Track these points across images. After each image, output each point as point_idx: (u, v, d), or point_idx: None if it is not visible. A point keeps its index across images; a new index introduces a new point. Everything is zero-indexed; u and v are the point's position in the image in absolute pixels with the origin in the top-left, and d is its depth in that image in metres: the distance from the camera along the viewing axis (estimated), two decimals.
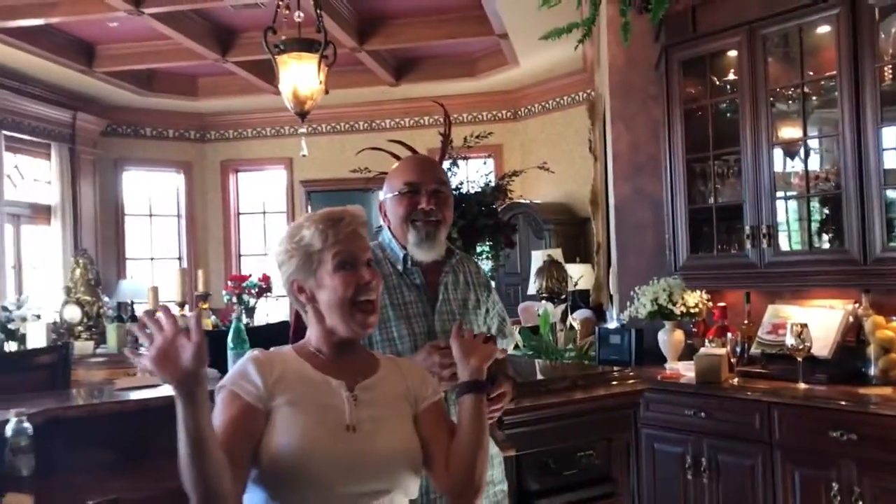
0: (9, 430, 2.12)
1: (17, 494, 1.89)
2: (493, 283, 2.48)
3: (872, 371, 3.47)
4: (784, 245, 3.87)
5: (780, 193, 3.87)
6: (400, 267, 2.22)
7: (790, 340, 3.53)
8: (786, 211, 3.92)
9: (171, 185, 10.66)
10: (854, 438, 3.15)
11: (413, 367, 1.85)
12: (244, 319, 7.03)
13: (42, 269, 8.87)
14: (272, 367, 1.64)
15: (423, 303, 2.21)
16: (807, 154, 3.82)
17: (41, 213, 8.98)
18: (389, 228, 2.26)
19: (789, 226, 3.93)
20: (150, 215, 10.62)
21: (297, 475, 1.55)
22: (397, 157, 3.41)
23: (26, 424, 2.14)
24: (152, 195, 10.61)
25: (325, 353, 1.72)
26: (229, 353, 2.95)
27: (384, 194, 2.26)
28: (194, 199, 10.64)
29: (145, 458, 2.49)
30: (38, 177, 9.06)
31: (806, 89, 3.77)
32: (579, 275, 6.97)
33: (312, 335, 1.74)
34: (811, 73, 3.79)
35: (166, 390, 2.82)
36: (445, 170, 3.13)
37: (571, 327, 5.28)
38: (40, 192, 9.05)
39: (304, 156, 5.07)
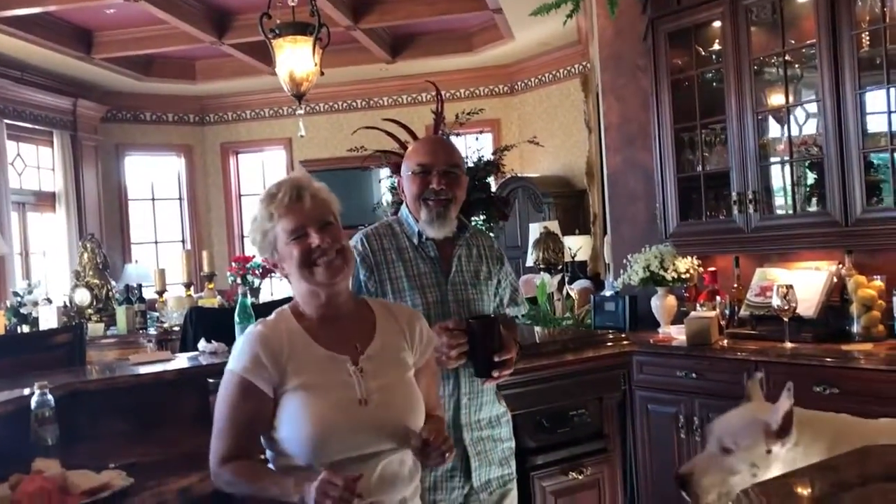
0: (33, 401, 2.26)
1: (45, 459, 2.03)
2: (505, 257, 2.60)
3: (855, 328, 3.59)
4: (770, 210, 3.99)
5: (765, 160, 3.99)
6: (415, 240, 2.36)
7: (776, 302, 3.66)
8: (771, 177, 4.03)
9: (173, 168, 10.77)
10: (836, 392, 3.29)
11: (402, 308, 1.98)
12: (250, 299, 7.17)
13: (49, 256, 9.02)
14: (281, 346, 1.72)
15: (436, 274, 2.34)
16: (790, 120, 3.92)
17: (46, 200, 9.11)
18: (406, 204, 2.42)
19: (774, 191, 4.05)
20: (153, 199, 10.73)
21: (312, 451, 1.68)
22: (392, 136, 3.55)
23: (49, 396, 2.28)
24: (154, 179, 10.72)
25: (318, 317, 1.81)
26: (236, 328, 3.09)
27: (402, 173, 2.40)
28: (195, 181, 10.75)
29: (160, 427, 2.65)
30: (41, 164, 9.18)
31: (788, 57, 3.86)
32: (578, 246, 7.09)
33: (300, 301, 1.85)
34: (793, 42, 3.88)
35: (178, 364, 2.98)
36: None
37: (568, 296, 5.40)
38: (44, 180, 9.17)
39: (301, 136, 5.19)
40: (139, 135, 10.39)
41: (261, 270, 8.11)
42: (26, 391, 2.34)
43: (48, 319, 5.45)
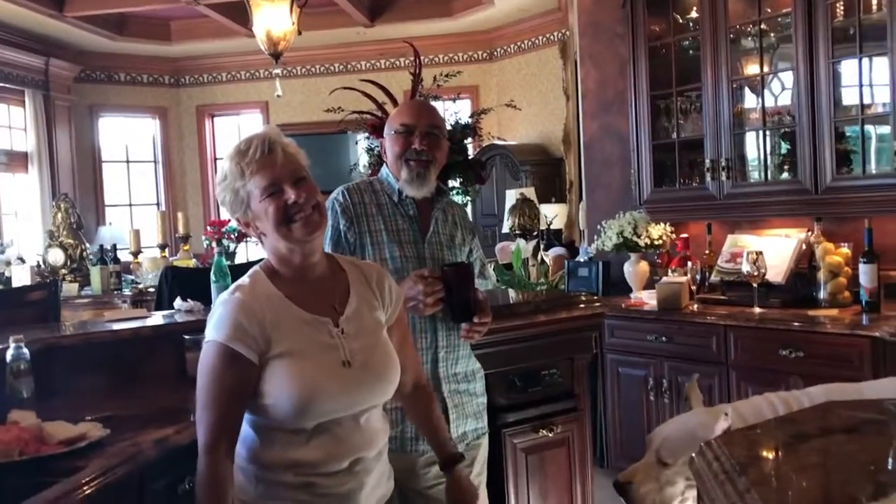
0: (8, 355, 2.27)
1: (21, 411, 2.05)
2: (476, 230, 2.67)
3: (822, 294, 3.68)
4: (742, 177, 4.05)
5: (738, 128, 4.03)
6: (395, 198, 2.40)
7: (746, 268, 3.73)
8: (744, 145, 4.09)
9: (147, 130, 10.64)
10: (801, 356, 3.38)
11: (370, 265, 1.98)
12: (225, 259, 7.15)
13: (21, 216, 8.91)
14: (263, 312, 1.67)
15: (414, 231, 2.39)
16: (764, 90, 3.97)
17: (18, 160, 8.97)
18: (387, 164, 2.45)
19: (748, 159, 4.10)
20: (128, 161, 10.61)
21: (299, 415, 1.67)
22: (370, 97, 3.55)
23: (24, 350, 2.29)
24: (129, 141, 10.59)
25: (293, 277, 1.77)
26: (212, 287, 3.10)
27: (385, 133, 2.44)
28: (171, 144, 10.64)
29: (136, 383, 2.67)
30: (12, 124, 9.04)
31: (763, 26, 3.90)
32: (554, 214, 7.14)
33: (273, 261, 1.79)
34: (769, 10, 3.92)
35: (153, 321, 2.99)
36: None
37: (543, 262, 5.46)
38: (16, 140, 9.03)
39: (278, 96, 5.16)
40: (113, 95, 10.24)
41: (236, 234, 8.10)
42: (1, 346, 2.34)
43: (21, 279, 5.42)
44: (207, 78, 10.61)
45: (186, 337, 2.74)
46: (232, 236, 8.03)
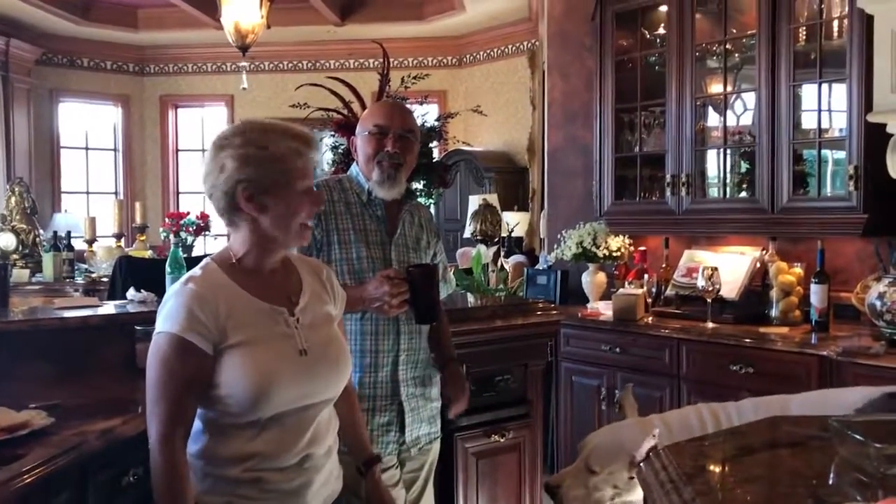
0: None
1: None
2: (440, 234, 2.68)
3: (774, 312, 3.75)
4: (702, 194, 4.11)
5: (700, 145, 4.10)
6: (364, 198, 2.39)
7: (701, 283, 3.79)
8: (705, 162, 4.15)
9: (109, 118, 10.47)
10: (751, 371, 3.44)
11: (318, 262, 1.98)
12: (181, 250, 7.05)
13: None
14: (217, 303, 1.65)
15: (381, 233, 2.39)
16: (726, 108, 4.04)
17: None
18: (357, 163, 2.43)
19: (707, 176, 4.17)
20: (87, 149, 10.43)
21: (255, 405, 1.65)
22: (337, 95, 3.53)
23: None
24: (89, 128, 10.41)
25: (254, 269, 1.74)
26: (167, 279, 3.06)
27: (357, 132, 2.42)
28: (132, 133, 10.48)
29: (85, 373, 2.60)
30: None
31: (728, 46, 3.97)
32: (516, 222, 7.18)
33: (239, 243, 1.74)
34: (734, 31, 3.99)
35: (105, 310, 2.94)
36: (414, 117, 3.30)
37: (502, 268, 5.48)
38: None
39: (244, 89, 5.11)
40: (75, 81, 10.05)
41: (194, 228, 8.00)
42: None
43: None
44: (173, 68, 10.47)
45: (138, 328, 2.69)
46: (190, 229, 7.92)
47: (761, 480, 1.47)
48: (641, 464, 1.66)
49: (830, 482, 1.48)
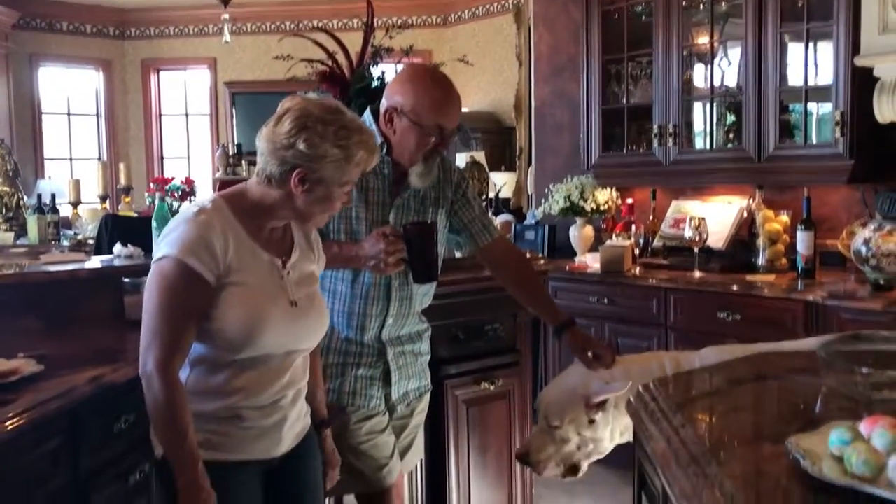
0: None
1: None
2: (467, 179, 2.52)
3: (761, 261, 3.77)
4: (688, 144, 4.11)
5: (687, 95, 4.08)
6: None
7: (688, 233, 3.80)
8: (692, 112, 4.14)
9: (90, 83, 10.32)
10: (738, 318, 3.46)
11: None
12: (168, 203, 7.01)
13: None
14: (225, 238, 1.66)
15: (385, 192, 2.26)
16: (713, 59, 4.01)
17: None
18: (383, 126, 2.22)
19: (694, 126, 4.16)
20: (69, 114, 10.29)
21: (242, 343, 1.68)
22: (321, 46, 3.49)
23: None
24: (70, 93, 10.26)
25: (261, 217, 1.74)
26: (154, 234, 3.03)
27: (403, 103, 2.16)
28: (114, 98, 10.33)
29: (73, 325, 2.60)
30: None
31: None
32: (503, 182, 7.15)
33: (259, 196, 1.73)
34: None
35: (92, 264, 2.92)
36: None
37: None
38: None
39: (226, 42, 5.02)
40: (54, 45, 9.88)
41: (180, 193, 7.94)
42: None
43: None
44: (154, 31, 10.30)
45: (126, 280, 2.69)
46: (175, 194, 7.87)
47: (750, 408, 1.49)
48: (630, 397, 1.68)
49: (818, 409, 1.50)
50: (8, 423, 1.63)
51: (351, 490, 2.37)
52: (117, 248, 3.11)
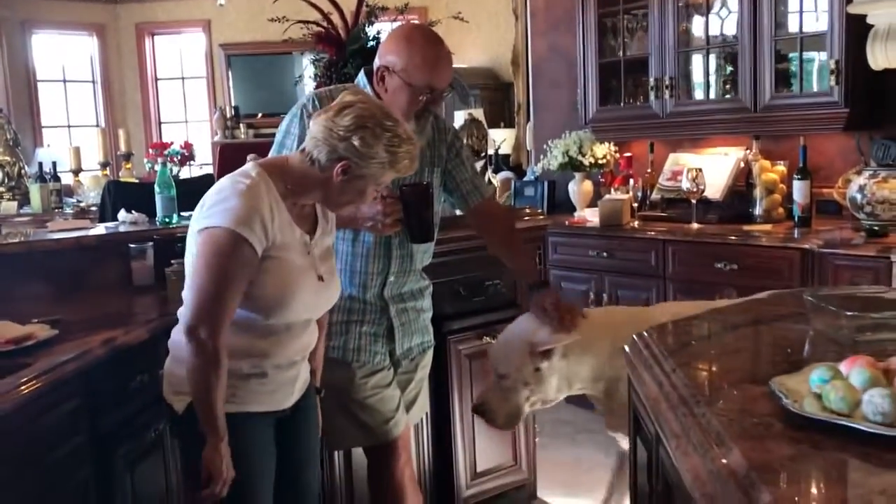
0: None
1: None
2: (461, 139, 2.57)
3: (758, 211, 3.80)
4: (685, 96, 4.12)
5: (683, 47, 4.09)
6: None
7: (685, 184, 3.83)
8: (689, 64, 4.15)
9: (85, 49, 10.27)
10: (735, 268, 3.51)
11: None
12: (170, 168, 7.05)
13: None
14: (272, 212, 1.74)
15: None
16: (708, 9, 4.01)
17: None
18: (375, 85, 2.25)
19: (691, 78, 4.17)
20: (65, 81, 10.26)
21: (273, 311, 1.80)
22: (316, 7, 3.49)
23: None
24: (65, 61, 10.21)
25: (296, 194, 1.82)
26: (157, 198, 3.08)
27: (394, 62, 2.19)
28: (109, 64, 10.29)
29: (82, 291, 2.67)
30: None
31: None
32: (502, 138, 7.15)
33: (299, 175, 1.79)
34: None
35: (98, 231, 2.97)
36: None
37: (490, 182, 5.50)
38: None
39: (221, 5, 5.00)
40: (46, 11, 9.80)
41: (179, 157, 7.95)
42: None
43: None
44: None
45: (132, 246, 2.74)
46: (175, 159, 7.88)
47: (741, 352, 1.54)
48: (625, 347, 1.73)
49: (806, 352, 1.55)
50: (24, 386, 1.69)
51: (359, 443, 2.45)
52: (122, 214, 3.16)
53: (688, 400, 1.24)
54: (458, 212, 3.35)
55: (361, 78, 2.34)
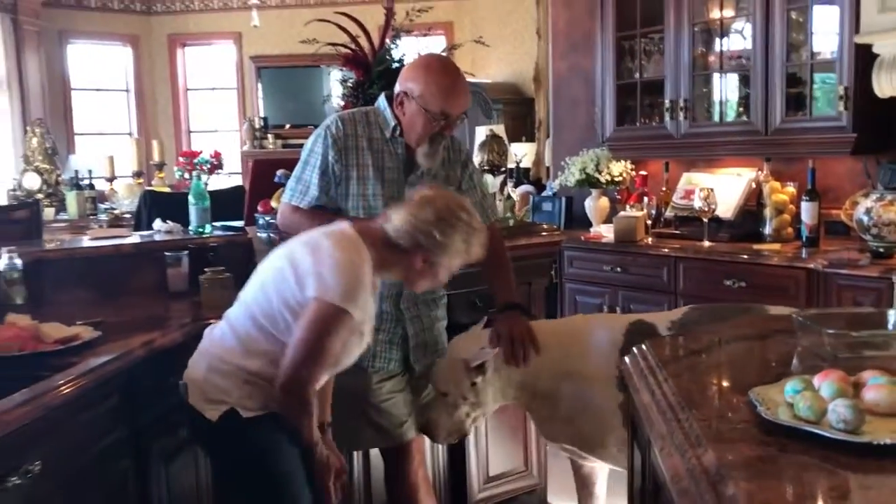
0: (2, 264, 2.43)
1: (17, 314, 2.21)
2: (473, 163, 2.71)
3: (767, 230, 3.91)
4: (699, 118, 4.24)
5: (698, 70, 4.21)
6: (388, 133, 2.43)
7: (698, 203, 3.95)
8: (702, 86, 4.27)
9: (119, 59, 10.55)
10: (744, 286, 3.63)
11: None
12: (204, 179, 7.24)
13: None
14: (371, 289, 1.98)
15: (399, 171, 2.45)
16: (723, 34, 4.13)
17: None
18: (395, 108, 2.41)
19: (705, 101, 4.29)
20: (98, 90, 10.54)
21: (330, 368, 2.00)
22: (345, 31, 3.65)
23: (17, 260, 2.45)
24: (99, 70, 10.50)
25: (379, 273, 2.03)
26: (191, 209, 3.25)
27: (413, 89, 2.34)
28: (142, 73, 10.56)
29: (120, 296, 2.83)
30: None
31: None
32: (523, 153, 7.29)
33: (384, 255, 1.99)
34: None
35: (135, 239, 3.14)
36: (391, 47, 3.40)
37: (509, 197, 5.64)
38: None
39: (255, 27, 5.19)
40: (83, 22, 10.10)
41: (208, 166, 8.16)
42: None
43: None
44: (179, 6, 10.49)
45: (168, 254, 2.90)
46: (204, 167, 8.09)
47: (728, 364, 1.67)
48: (625, 359, 1.86)
49: (792, 367, 1.68)
50: (72, 383, 1.84)
51: (375, 445, 2.59)
52: (157, 223, 3.34)
53: (675, 406, 1.37)
54: None
55: (382, 101, 2.49)
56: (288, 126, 9.73)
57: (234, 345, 1.97)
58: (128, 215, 5.48)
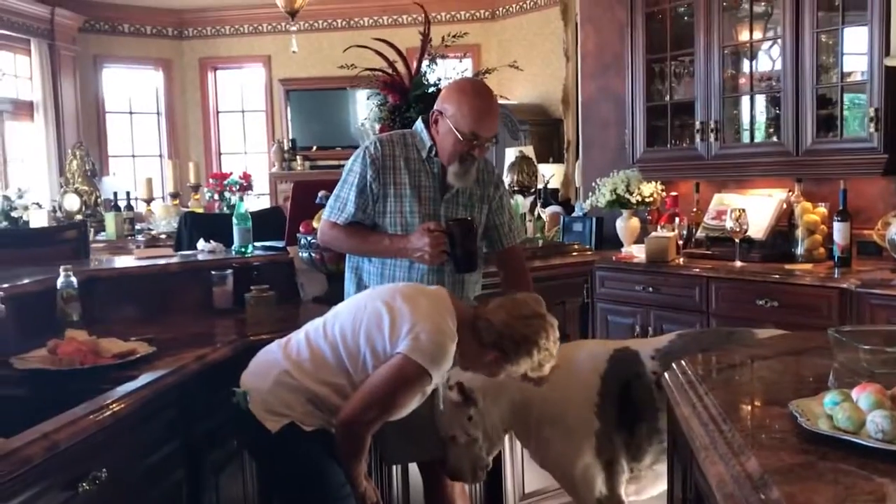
0: (59, 282, 2.52)
1: (75, 330, 2.31)
2: (504, 185, 2.82)
3: (799, 250, 3.94)
4: (730, 139, 4.29)
5: (729, 92, 4.27)
6: (424, 154, 2.56)
7: (729, 224, 3.99)
8: (733, 108, 4.33)
9: (151, 82, 10.78)
10: (776, 305, 3.66)
11: None
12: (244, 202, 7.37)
13: (28, 164, 9.08)
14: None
15: (435, 189, 2.56)
16: (752, 56, 4.19)
17: (24, 109, 9.11)
18: (431, 128, 2.54)
19: (735, 122, 4.35)
20: (131, 113, 10.77)
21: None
22: (381, 55, 3.75)
23: (72, 278, 2.55)
24: (132, 93, 10.73)
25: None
26: (235, 229, 3.34)
27: (447, 109, 2.47)
28: (174, 96, 10.78)
29: (169, 313, 2.93)
30: (18, 73, 9.17)
31: None
32: (552, 174, 7.36)
33: (467, 340, 2.10)
34: None
35: (181, 259, 3.24)
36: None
37: (539, 217, 5.71)
38: (22, 89, 9.17)
39: (294, 52, 5.31)
40: (117, 46, 10.35)
41: (238, 187, 8.31)
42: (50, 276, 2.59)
43: (38, 223, 5.65)
44: (210, 31, 10.71)
45: (213, 272, 3.00)
46: (234, 189, 8.25)
47: (765, 379, 1.72)
48: (666, 374, 1.92)
49: (829, 382, 1.72)
50: (136, 395, 1.93)
51: (413, 459, 2.66)
52: (201, 243, 3.44)
53: (716, 418, 1.42)
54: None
55: (419, 124, 2.62)
56: (315, 148, 9.88)
57: (307, 365, 2.05)
58: (163, 235, 5.62)
